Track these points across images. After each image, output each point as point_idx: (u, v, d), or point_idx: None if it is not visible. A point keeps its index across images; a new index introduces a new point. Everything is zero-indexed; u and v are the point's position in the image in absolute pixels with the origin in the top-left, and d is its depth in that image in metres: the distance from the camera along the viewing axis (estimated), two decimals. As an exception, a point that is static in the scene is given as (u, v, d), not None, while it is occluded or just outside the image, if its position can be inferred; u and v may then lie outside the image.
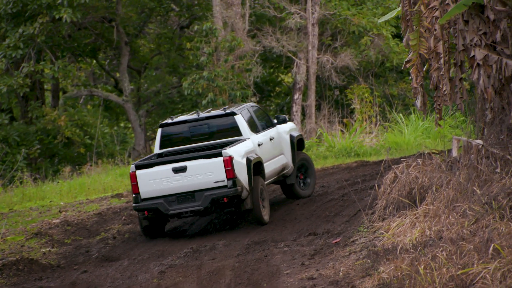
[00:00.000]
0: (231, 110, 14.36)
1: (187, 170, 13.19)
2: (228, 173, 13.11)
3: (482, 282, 7.85)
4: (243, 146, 13.70)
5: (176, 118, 14.55)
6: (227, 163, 13.08)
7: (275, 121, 15.44)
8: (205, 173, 13.17)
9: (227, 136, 14.25)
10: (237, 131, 14.20)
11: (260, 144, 14.28)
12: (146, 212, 13.35)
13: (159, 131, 14.55)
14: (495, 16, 10.88)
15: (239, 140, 14.01)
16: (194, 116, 14.45)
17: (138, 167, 13.37)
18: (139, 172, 13.33)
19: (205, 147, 14.31)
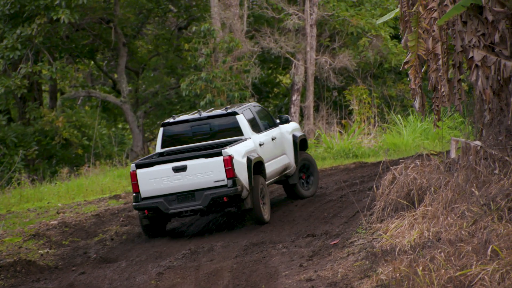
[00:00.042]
0: (233, 109, 14.38)
1: (187, 169, 13.22)
2: (228, 172, 13.13)
3: (481, 283, 7.84)
4: (243, 145, 13.71)
5: (178, 118, 14.59)
6: (227, 162, 13.10)
7: (277, 121, 15.45)
8: (205, 172, 13.19)
9: (228, 136, 14.28)
10: (238, 130, 14.23)
11: (261, 144, 14.28)
12: (146, 211, 13.39)
13: (160, 130, 14.58)
14: (494, 17, 10.87)
15: (240, 139, 14.03)
16: (196, 115, 14.49)
17: (138, 166, 13.41)
18: (139, 171, 13.36)
19: (206, 146, 14.33)
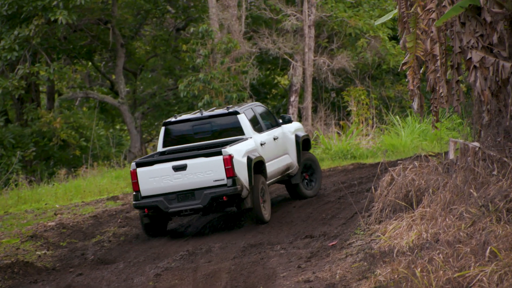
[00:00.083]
0: (234, 109, 14.41)
1: (187, 169, 13.24)
2: (228, 171, 13.15)
3: (479, 285, 7.83)
4: (244, 145, 13.74)
5: (180, 117, 14.63)
6: (227, 161, 13.12)
7: (280, 121, 15.47)
8: (205, 171, 13.21)
9: (230, 135, 14.32)
10: (239, 130, 14.26)
11: (262, 144, 14.30)
12: (146, 210, 13.43)
13: (162, 129, 14.64)
14: (492, 18, 10.86)
15: (241, 139, 14.05)
16: (197, 114, 14.52)
17: (138, 165, 13.45)
18: (139, 170, 13.38)
19: (207, 145, 14.35)
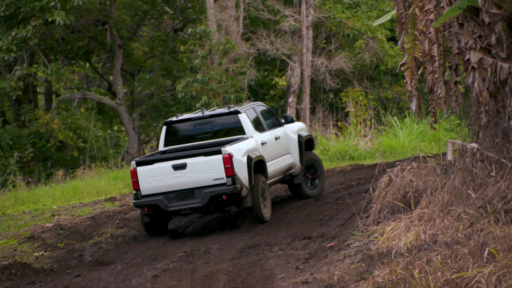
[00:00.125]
0: (235, 108, 14.44)
1: (186, 167, 13.26)
2: (227, 170, 13.16)
3: (477, 286, 7.82)
4: (244, 144, 13.75)
5: (181, 116, 14.65)
6: (226, 160, 13.13)
7: (283, 121, 15.48)
8: (204, 170, 13.23)
9: (231, 135, 14.36)
10: (240, 129, 14.28)
11: (263, 143, 14.31)
12: (146, 209, 13.46)
13: (163, 128, 14.69)
14: (490, 19, 10.86)
15: (242, 138, 14.06)
16: (199, 114, 14.54)
17: (138, 164, 13.48)
18: (139, 169, 13.42)
19: (209, 145, 14.37)
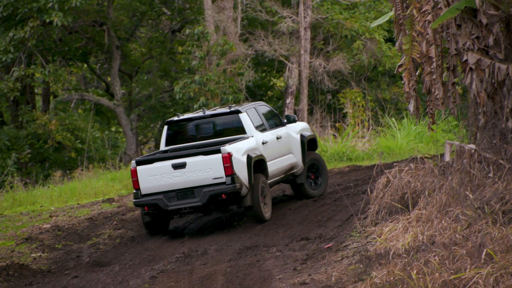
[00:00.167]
0: (236, 108, 14.45)
1: (186, 167, 13.28)
2: (227, 169, 13.18)
3: (475, 287, 7.82)
4: (244, 143, 13.78)
5: (182, 116, 14.70)
6: (226, 160, 13.16)
7: (285, 120, 15.50)
8: (204, 169, 13.25)
9: (232, 134, 14.40)
10: (241, 129, 14.31)
11: (264, 142, 14.33)
12: (146, 208, 13.49)
13: (165, 128, 14.73)
14: (488, 20, 10.86)
15: (242, 137, 14.09)
16: (200, 113, 14.57)
17: (138, 163, 13.50)
18: (139, 168, 13.43)
19: (210, 144, 14.39)
